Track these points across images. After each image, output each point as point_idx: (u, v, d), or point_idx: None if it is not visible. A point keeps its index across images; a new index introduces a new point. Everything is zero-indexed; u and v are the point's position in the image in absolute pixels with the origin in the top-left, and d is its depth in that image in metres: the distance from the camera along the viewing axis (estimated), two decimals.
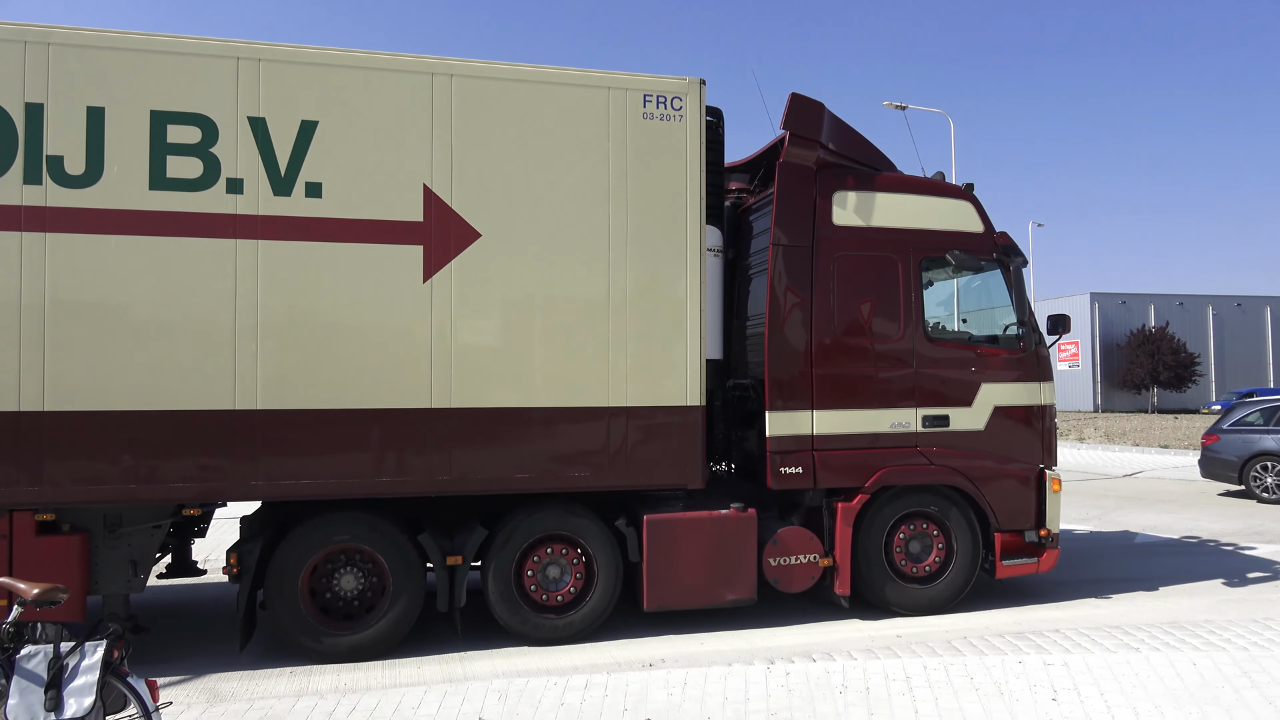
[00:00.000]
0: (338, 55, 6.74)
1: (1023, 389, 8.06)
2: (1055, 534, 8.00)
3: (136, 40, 6.43)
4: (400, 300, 6.75)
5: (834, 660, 6.17)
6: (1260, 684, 5.55)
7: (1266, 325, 58.20)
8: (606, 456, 7.10)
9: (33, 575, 6.24)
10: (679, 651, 6.88)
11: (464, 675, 6.37)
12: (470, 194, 6.87)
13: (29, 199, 6.20)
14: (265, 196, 6.55)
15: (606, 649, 6.97)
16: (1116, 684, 5.62)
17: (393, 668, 6.60)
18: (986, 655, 6.24)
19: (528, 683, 5.83)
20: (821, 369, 7.62)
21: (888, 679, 5.78)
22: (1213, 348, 57.40)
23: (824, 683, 5.73)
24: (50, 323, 6.19)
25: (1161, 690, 5.49)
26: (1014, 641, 6.61)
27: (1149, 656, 6.09)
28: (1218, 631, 6.72)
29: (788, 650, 6.73)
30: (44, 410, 6.19)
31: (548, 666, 6.53)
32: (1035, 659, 6.09)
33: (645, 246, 7.19)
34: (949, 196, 8.11)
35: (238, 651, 6.80)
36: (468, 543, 6.98)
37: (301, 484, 6.61)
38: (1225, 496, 15.80)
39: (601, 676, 5.92)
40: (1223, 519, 13.20)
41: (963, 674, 5.85)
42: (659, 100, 7.24)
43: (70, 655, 4.09)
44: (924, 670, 5.91)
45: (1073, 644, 6.46)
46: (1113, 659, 6.06)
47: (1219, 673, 5.76)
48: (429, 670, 6.55)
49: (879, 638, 7.12)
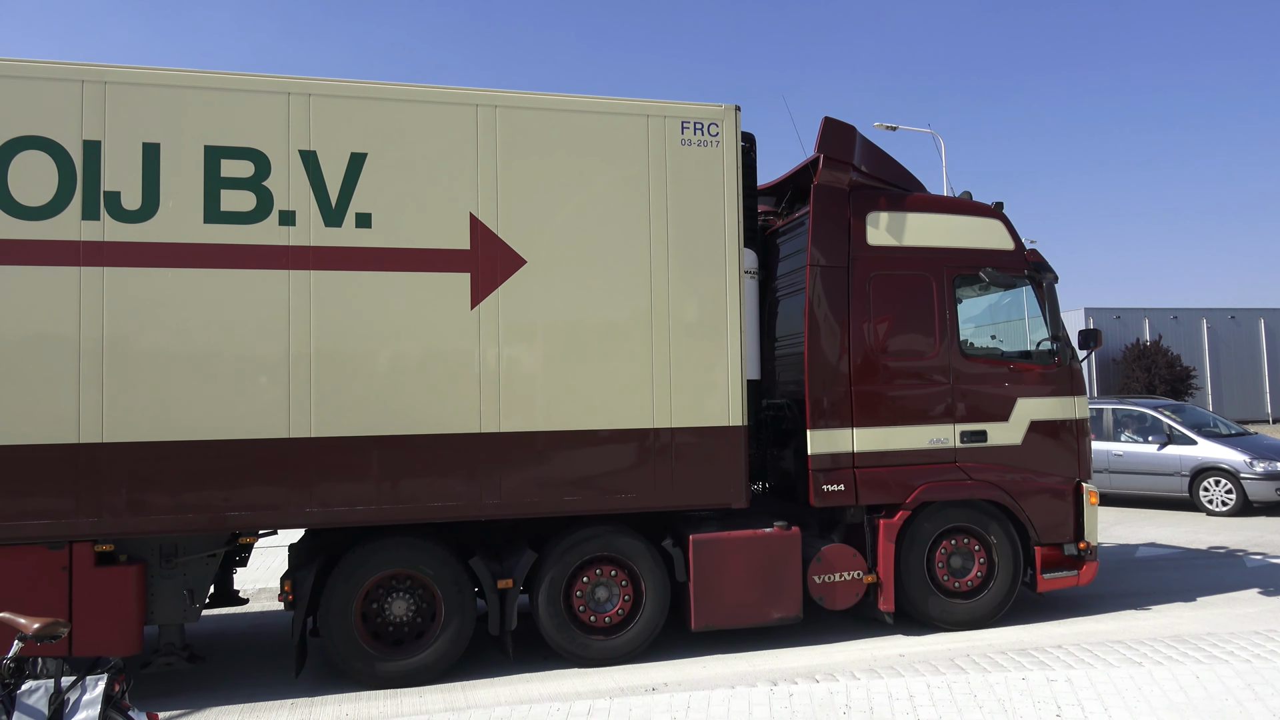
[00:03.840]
0: (384, 89, 6.88)
1: (1057, 403, 8.18)
2: (1094, 546, 8.10)
3: (190, 77, 6.57)
4: (449, 327, 6.86)
5: (837, 680, 6.16)
6: (1264, 695, 5.56)
7: (1260, 337, 58.38)
8: (652, 477, 7.19)
9: (92, 606, 6.33)
10: (682, 675, 6.85)
11: (466, 704, 6.36)
12: (515, 221, 7.00)
13: (88, 234, 6.30)
14: (317, 228, 6.66)
15: (609, 674, 6.97)
16: (1120, 699, 5.62)
17: (394, 698, 6.57)
18: (990, 672, 6.24)
19: (530, 709, 5.80)
20: (860, 387, 7.74)
21: (891, 698, 5.77)
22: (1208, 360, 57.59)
23: (828, 703, 5.71)
24: (109, 355, 6.28)
25: (1165, 704, 5.49)
26: (1017, 658, 6.61)
27: (1152, 670, 6.09)
28: (1220, 644, 6.73)
29: (791, 671, 6.72)
30: (103, 442, 6.26)
31: (550, 693, 6.51)
32: (1039, 675, 6.09)
33: (685, 270, 7.31)
34: (979, 215, 8.26)
35: (293, 678, 6.84)
36: (518, 566, 7.04)
37: (355, 510, 6.68)
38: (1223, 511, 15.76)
39: (605, 702, 5.89)
40: (1223, 531, 13.22)
41: (966, 692, 5.84)
42: (696, 127, 7.39)
43: (71, 690, 4.01)
44: (928, 689, 5.91)
45: (1076, 659, 6.47)
46: (1116, 674, 6.06)
47: (1222, 685, 5.76)
48: (431, 699, 6.52)
49: (882, 657, 7.11)
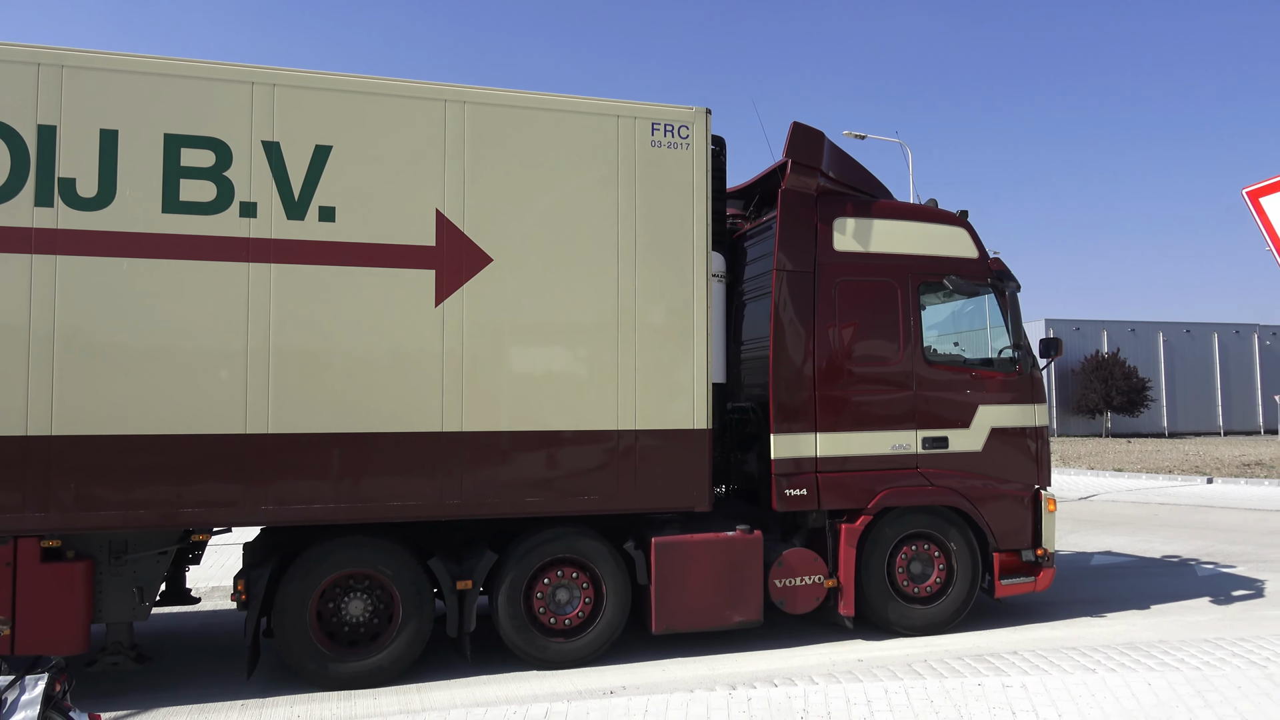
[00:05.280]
0: (351, 81, 6.78)
1: (1018, 410, 8.27)
2: (1051, 553, 8.19)
3: (151, 64, 6.43)
4: (412, 324, 6.77)
5: (795, 685, 6.15)
6: (1213, 703, 5.65)
7: (1214, 351, 59.78)
8: (615, 479, 7.15)
9: (37, 603, 6.16)
10: (640, 679, 6.82)
11: (421, 706, 6.29)
12: (482, 219, 6.94)
13: (40, 221, 6.14)
14: (279, 220, 6.55)
15: (567, 676, 6.91)
16: (1074, 705, 5.67)
17: (348, 699, 6.47)
18: (946, 678, 6.27)
19: (486, 712, 5.73)
20: (824, 392, 7.76)
21: (849, 703, 5.78)
22: (1164, 373, 58.78)
23: (785, 708, 5.70)
24: (59, 346, 6.11)
25: (1118, 710, 5.55)
26: (973, 664, 6.66)
27: (1105, 678, 6.16)
28: (1171, 652, 6.83)
29: (750, 676, 6.71)
30: (52, 435, 6.10)
31: (507, 695, 6.45)
32: (994, 681, 6.14)
33: (653, 272, 7.29)
34: (944, 223, 8.34)
35: (245, 679, 6.71)
36: (477, 567, 6.96)
37: (312, 508, 6.56)
38: (1177, 520, 16.11)
39: (562, 705, 5.85)
40: (1175, 541, 13.47)
41: (923, 697, 5.87)
42: (667, 129, 7.38)
43: (9, 690, 3.90)
44: (885, 694, 5.93)
45: (1031, 666, 6.53)
46: (1070, 680, 6.12)
47: (1173, 693, 5.84)
48: (386, 702, 6.43)
49: (841, 662, 7.13)
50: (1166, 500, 19.35)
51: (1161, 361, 59.31)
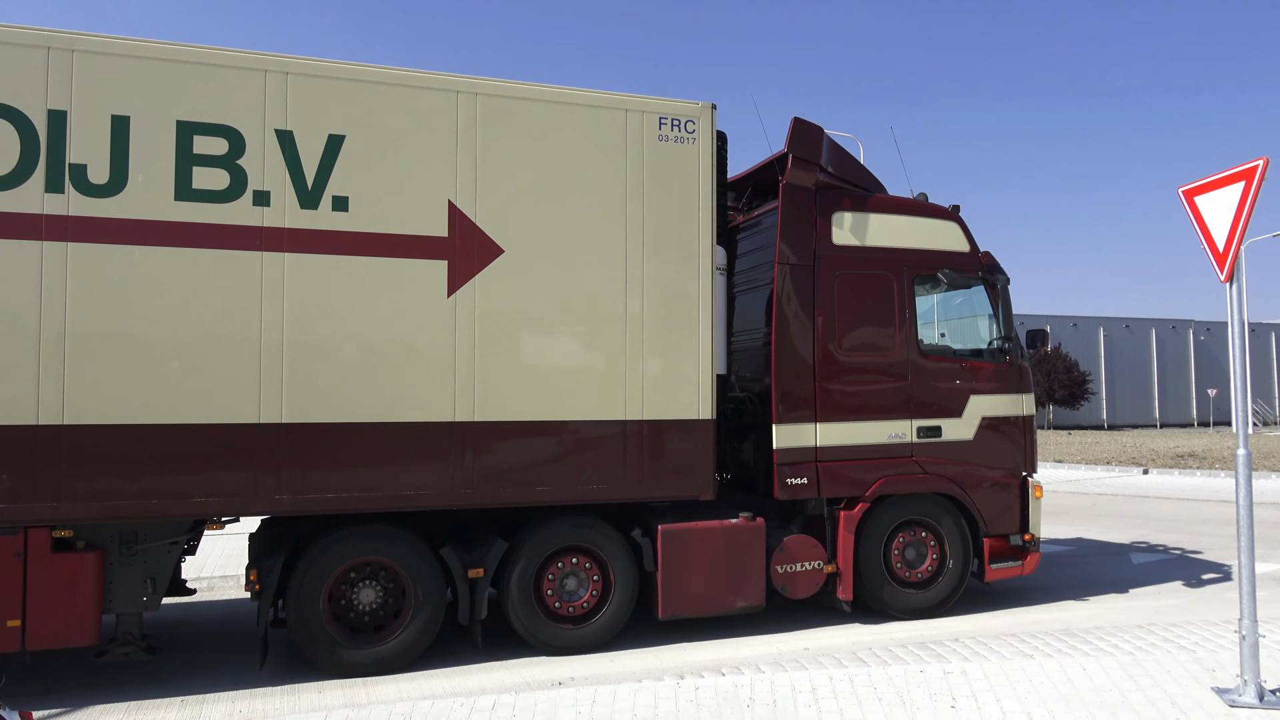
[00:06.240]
0: (365, 71, 6.78)
1: (1007, 400, 8.55)
2: (1038, 538, 8.48)
3: (163, 50, 6.36)
4: (425, 314, 6.80)
5: (742, 674, 6.23)
6: (1144, 686, 5.84)
7: (1152, 346, 61.52)
8: (624, 469, 7.26)
9: (48, 594, 6.09)
10: (590, 670, 6.84)
11: (367, 700, 6.22)
12: (493, 210, 6.98)
13: (50, 207, 6.06)
14: (292, 209, 6.53)
15: (516, 668, 6.92)
16: (1012, 690, 5.82)
17: (292, 694, 6.39)
18: (890, 665, 6.39)
19: (433, 705, 5.69)
20: (825, 383, 7.95)
21: (794, 691, 5.86)
22: (1104, 367, 60.34)
23: (732, 696, 5.77)
24: (71, 334, 6.05)
25: (1054, 695, 5.70)
26: (916, 651, 6.79)
27: (1042, 663, 6.32)
28: (1106, 637, 7.03)
29: (699, 666, 6.77)
30: (63, 424, 6.03)
31: (454, 688, 6.41)
32: (936, 668, 6.26)
33: (659, 265, 7.40)
34: (937, 218, 8.57)
35: (258, 669, 6.72)
36: (488, 555, 7.02)
37: (326, 498, 6.57)
38: (1114, 510, 16.53)
39: (510, 696, 5.81)
40: (1111, 530, 13.83)
41: (867, 684, 5.98)
42: (674, 123, 7.48)
43: None
44: (830, 681, 6.02)
45: (971, 652, 6.68)
46: (1009, 666, 6.27)
47: (1106, 677, 6.01)
48: (331, 696, 6.36)
49: (788, 651, 7.23)
50: (1104, 491, 19.90)
51: (1102, 356, 60.87)
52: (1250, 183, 5.71)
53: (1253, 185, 5.70)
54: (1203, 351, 62.28)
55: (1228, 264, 5.84)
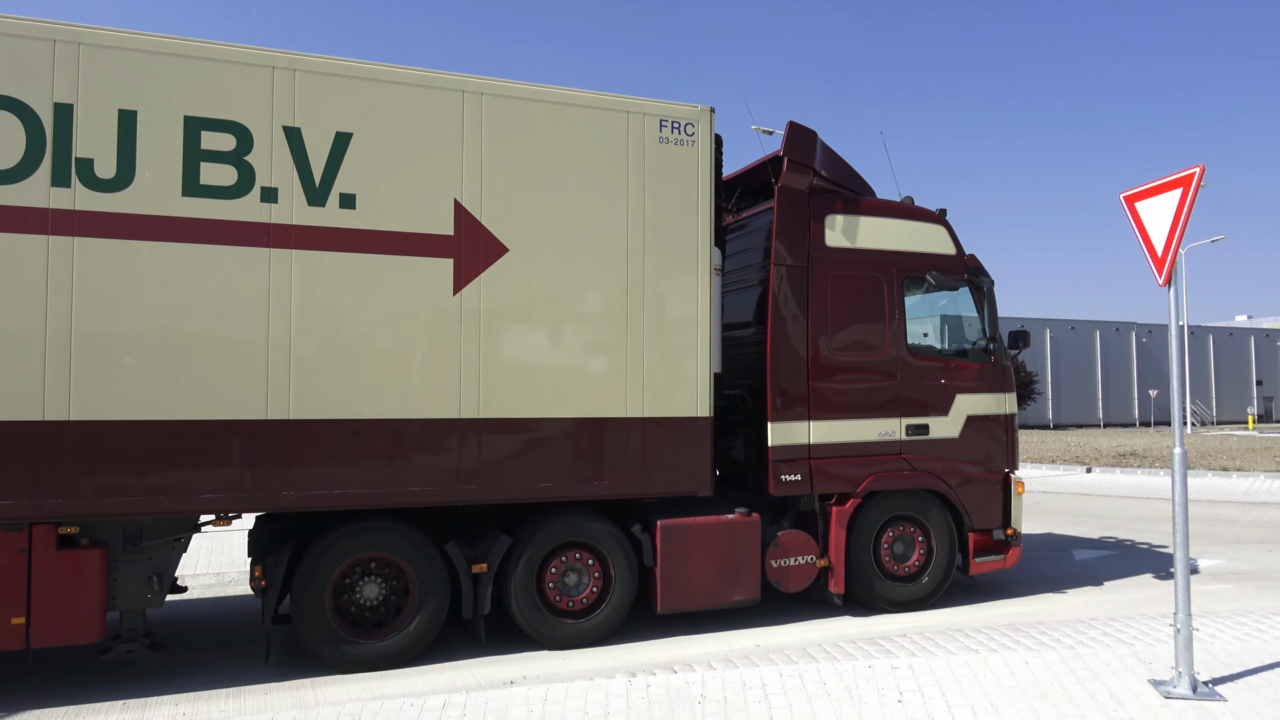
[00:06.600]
0: (372, 69, 6.80)
1: (991, 399, 8.81)
2: (1019, 532, 8.76)
3: (170, 44, 6.33)
4: (431, 312, 6.85)
5: (694, 671, 6.26)
6: (1084, 679, 5.94)
7: (1096, 347, 62.94)
8: (625, 465, 7.37)
9: (53, 591, 6.05)
10: (542, 669, 6.82)
11: (315, 701, 6.16)
12: (498, 209, 7.05)
13: (56, 202, 6.01)
14: (300, 206, 6.54)
15: (468, 668, 6.86)
16: (957, 684, 5.90)
17: (238, 696, 6.29)
18: (839, 661, 6.45)
19: (382, 705, 5.64)
20: (818, 383, 8.13)
21: (745, 687, 5.90)
22: (1050, 368, 61.61)
23: (684, 693, 5.79)
24: (78, 329, 6.00)
25: (998, 689, 5.79)
26: (865, 647, 6.89)
27: (987, 657, 6.43)
28: (1048, 632, 7.16)
29: (650, 664, 6.79)
30: (69, 420, 5.99)
31: (404, 689, 6.34)
32: (884, 663, 6.35)
33: (661, 265, 7.51)
34: (925, 220, 8.80)
35: (262, 665, 6.73)
36: (491, 550, 7.09)
37: (332, 494, 6.60)
38: (1057, 507, 16.77)
39: (460, 696, 5.75)
40: (1055, 526, 14.01)
41: (816, 680, 6.01)
42: (674, 126, 7.60)
43: None
44: (780, 677, 6.06)
45: (919, 648, 6.78)
46: (954, 660, 6.38)
47: (1048, 670, 6.13)
48: (279, 697, 6.27)
49: (739, 648, 7.25)
50: (1049, 489, 20.33)
51: (1048, 357, 62.12)
52: (1188, 189, 5.77)
53: (1190, 191, 5.75)
54: (1145, 353, 63.88)
55: (1166, 268, 5.90)
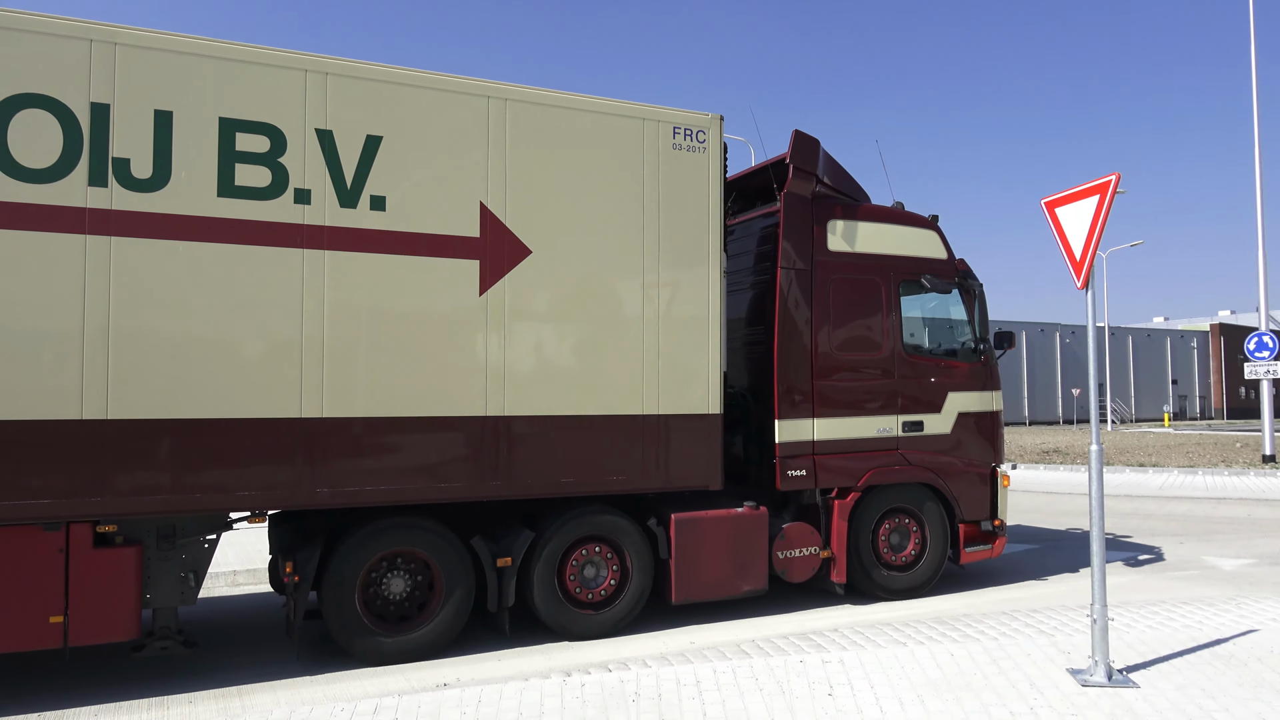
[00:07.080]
0: (401, 74, 6.93)
1: (980, 396, 9.27)
2: (1005, 523, 9.22)
3: (205, 46, 6.39)
4: (458, 312, 7.01)
5: (629, 669, 6.31)
6: (1005, 669, 6.12)
7: (1022, 347, 64.53)
8: (641, 461, 7.61)
9: (90, 590, 6.10)
10: (476, 671, 6.78)
11: (241, 709, 6.09)
12: (521, 212, 7.23)
13: (94, 201, 6.04)
14: (332, 208, 6.65)
15: (400, 672, 6.79)
16: (885, 677, 6.02)
17: (162, 706, 6.14)
18: (771, 656, 6.54)
19: (312, 710, 5.54)
20: (821, 382, 8.47)
21: (679, 684, 5.95)
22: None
23: (618, 692, 5.81)
24: (115, 328, 6.04)
25: (924, 680, 5.93)
26: (797, 642, 6.96)
27: (914, 650, 6.57)
28: (974, 624, 7.37)
29: (586, 664, 6.81)
30: (107, 419, 6.03)
31: (335, 694, 6.29)
32: (815, 657, 6.46)
33: (675, 267, 7.77)
34: (918, 226, 9.21)
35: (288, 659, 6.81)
36: (515, 544, 7.28)
37: (365, 490, 6.72)
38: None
39: (392, 700, 5.67)
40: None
41: (749, 675, 6.10)
42: (686, 133, 7.86)
43: None
44: (714, 674, 6.15)
45: (850, 642, 6.89)
46: (883, 654, 6.51)
47: (972, 661, 6.30)
48: (203, 707, 6.11)
49: (674, 646, 7.32)
50: None
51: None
52: (1104, 196, 5.98)
53: (1106, 198, 5.99)
54: (1068, 353, 65.58)
55: (1084, 271, 6.10)
